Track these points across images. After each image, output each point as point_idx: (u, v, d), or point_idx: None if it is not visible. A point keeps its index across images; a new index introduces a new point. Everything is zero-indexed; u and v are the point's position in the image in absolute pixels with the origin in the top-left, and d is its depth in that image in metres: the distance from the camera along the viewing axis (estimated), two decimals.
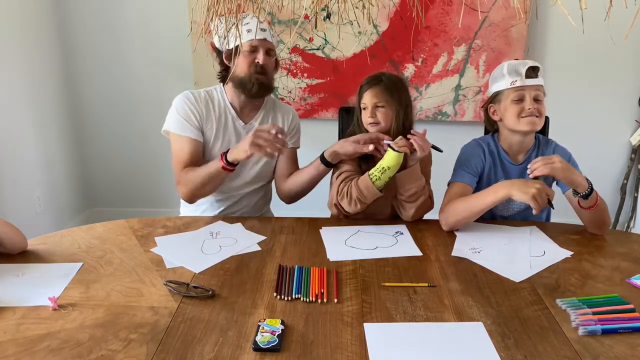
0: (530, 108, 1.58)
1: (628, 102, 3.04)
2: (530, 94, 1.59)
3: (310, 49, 2.95)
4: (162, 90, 3.00)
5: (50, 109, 2.95)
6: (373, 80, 1.68)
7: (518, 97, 1.60)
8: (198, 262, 1.39)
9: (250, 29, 1.67)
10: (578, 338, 1.09)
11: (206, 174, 1.66)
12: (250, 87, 1.71)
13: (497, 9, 2.83)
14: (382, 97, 1.65)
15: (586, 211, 1.56)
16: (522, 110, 1.59)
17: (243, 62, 1.70)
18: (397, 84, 1.68)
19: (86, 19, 3.02)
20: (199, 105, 1.75)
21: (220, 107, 1.79)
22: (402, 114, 1.66)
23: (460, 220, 1.58)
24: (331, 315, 1.16)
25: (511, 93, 1.61)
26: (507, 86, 1.61)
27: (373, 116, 1.66)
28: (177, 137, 1.73)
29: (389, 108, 1.65)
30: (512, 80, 1.60)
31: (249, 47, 1.69)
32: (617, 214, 3.18)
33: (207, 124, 1.76)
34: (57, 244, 1.49)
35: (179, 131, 1.72)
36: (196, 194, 1.71)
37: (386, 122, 1.66)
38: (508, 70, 1.61)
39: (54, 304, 1.17)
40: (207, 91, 1.81)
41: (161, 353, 1.03)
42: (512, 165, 1.69)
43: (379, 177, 1.59)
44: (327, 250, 1.47)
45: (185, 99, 1.75)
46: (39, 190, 2.84)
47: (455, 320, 1.15)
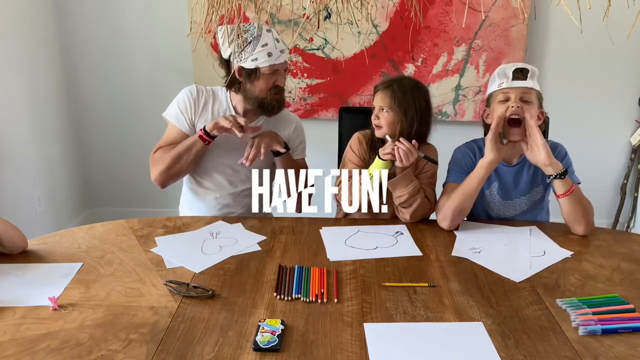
0: (513, 106, 1.55)
1: (628, 102, 3.04)
2: (516, 95, 1.57)
3: (310, 49, 2.95)
4: (162, 90, 2.99)
5: (50, 109, 2.95)
6: (385, 83, 1.70)
7: (503, 98, 1.59)
8: (198, 262, 1.40)
9: (270, 52, 1.64)
10: (578, 338, 1.09)
11: (182, 146, 1.72)
12: (270, 108, 1.74)
13: (497, 9, 2.83)
14: (386, 102, 1.66)
15: (562, 200, 1.55)
16: (507, 110, 1.57)
17: (263, 85, 1.70)
18: (410, 90, 1.67)
19: (86, 19, 3.02)
20: (199, 101, 1.78)
21: (222, 107, 1.80)
22: (411, 121, 1.65)
23: (457, 206, 1.57)
24: (331, 315, 1.16)
25: (498, 95, 1.60)
26: (495, 89, 1.62)
27: (376, 119, 1.68)
28: (170, 125, 1.81)
29: (392, 113, 1.66)
30: (499, 82, 1.60)
31: (270, 70, 1.67)
32: (617, 214, 3.18)
33: (201, 119, 1.77)
34: (57, 244, 1.49)
35: (173, 121, 1.79)
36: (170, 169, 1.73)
37: (388, 127, 1.67)
38: (497, 73, 1.62)
39: (54, 304, 1.17)
40: (213, 89, 1.83)
41: (161, 353, 1.03)
42: (505, 167, 1.68)
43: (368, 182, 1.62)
44: (327, 250, 1.47)
45: (188, 92, 1.80)
46: (39, 190, 2.83)
47: (455, 320, 1.15)
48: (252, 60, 1.65)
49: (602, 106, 3.05)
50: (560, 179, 1.53)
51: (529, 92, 1.57)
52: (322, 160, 2.86)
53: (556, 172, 1.53)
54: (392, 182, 1.61)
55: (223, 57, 1.74)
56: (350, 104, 3.01)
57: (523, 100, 1.57)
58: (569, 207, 1.55)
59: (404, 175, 1.60)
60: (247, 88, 1.72)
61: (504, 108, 1.57)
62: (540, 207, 1.75)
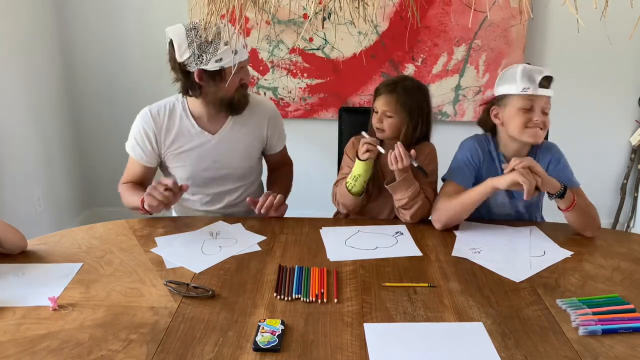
0: (538, 120, 1.52)
1: (628, 102, 3.04)
2: (539, 105, 1.52)
3: (310, 49, 2.95)
4: (162, 89, 2.96)
5: (51, 109, 2.95)
6: (389, 87, 1.68)
7: (527, 106, 1.52)
8: (198, 263, 1.39)
9: (235, 50, 1.57)
10: (578, 338, 1.09)
11: (130, 203, 1.69)
12: (239, 107, 1.69)
13: (497, 9, 2.83)
14: (391, 107, 1.65)
15: (567, 213, 1.55)
16: (529, 121, 1.52)
17: (230, 85, 1.62)
18: (413, 93, 1.67)
19: (86, 18, 3.01)
20: (157, 128, 1.71)
21: (183, 124, 1.72)
22: (415, 124, 1.66)
23: (452, 216, 1.57)
24: (331, 315, 1.16)
25: (520, 100, 1.52)
26: (517, 92, 1.52)
27: (380, 123, 1.68)
28: (130, 158, 1.77)
29: (397, 118, 1.66)
30: (524, 87, 1.51)
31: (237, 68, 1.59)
32: (617, 214, 3.18)
33: (166, 143, 1.72)
34: (57, 244, 1.49)
35: (132, 154, 1.76)
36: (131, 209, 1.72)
37: (391, 131, 1.67)
38: (521, 74, 1.52)
39: (54, 304, 1.17)
40: (169, 104, 1.74)
41: (161, 353, 1.03)
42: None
43: (354, 184, 1.65)
44: (327, 251, 1.47)
45: (143, 123, 1.72)
46: (39, 190, 2.83)
47: (455, 320, 1.15)
48: (216, 62, 1.57)
49: (602, 106, 3.05)
50: (560, 198, 1.51)
51: (549, 102, 1.54)
52: (322, 160, 2.88)
53: (555, 192, 1.50)
54: (392, 186, 1.61)
55: (178, 61, 1.60)
56: (350, 104, 3.01)
57: (544, 112, 1.53)
58: (574, 218, 1.55)
59: (404, 179, 1.60)
60: (211, 91, 1.64)
61: (525, 119, 1.52)
62: (537, 207, 1.75)
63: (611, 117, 3.07)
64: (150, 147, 1.72)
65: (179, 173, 1.76)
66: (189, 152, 1.73)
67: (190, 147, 1.73)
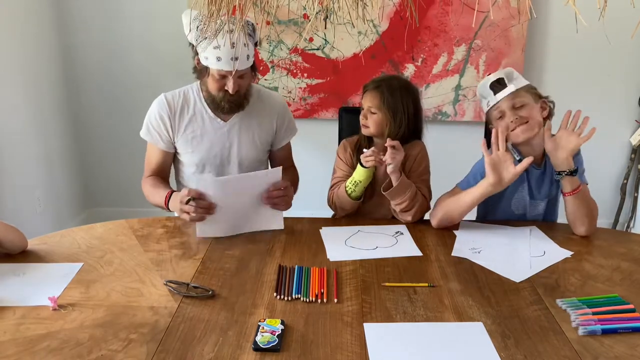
0: (512, 120, 1.55)
1: (628, 102, 3.04)
2: (507, 106, 1.56)
3: (310, 49, 2.95)
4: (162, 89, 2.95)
5: (51, 109, 2.95)
6: (374, 84, 1.70)
7: (499, 114, 1.59)
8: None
9: (219, 57, 1.56)
10: (578, 338, 1.09)
11: (153, 201, 1.75)
12: (222, 106, 1.68)
13: (497, 9, 2.83)
14: (374, 103, 1.66)
15: (568, 198, 1.55)
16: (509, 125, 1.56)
17: (213, 84, 1.64)
18: (398, 91, 1.67)
19: (86, 18, 3.01)
20: (171, 111, 1.73)
21: (197, 109, 1.74)
22: (399, 122, 1.66)
23: (446, 212, 1.58)
24: (331, 315, 1.16)
25: (492, 113, 1.61)
26: (487, 108, 1.63)
27: (364, 119, 1.69)
28: (148, 145, 1.80)
29: (380, 115, 1.66)
30: (486, 102, 1.62)
31: (217, 74, 1.60)
32: (617, 214, 3.18)
33: (180, 128, 1.73)
34: (57, 244, 1.49)
35: (149, 140, 1.77)
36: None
37: (375, 128, 1.68)
38: (480, 93, 1.63)
39: (54, 304, 1.17)
40: (184, 91, 1.76)
41: (161, 353, 1.03)
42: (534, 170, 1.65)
43: (353, 189, 1.66)
44: (327, 250, 1.47)
45: (158, 108, 1.74)
46: (39, 190, 2.83)
47: (455, 320, 1.15)
48: (205, 58, 1.60)
49: (602, 106, 3.04)
50: (570, 176, 1.53)
51: (517, 96, 1.56)
52: (322, 160, 2.87)
53: (568, 169, 1.53)
54: (390, 192, 1.61)
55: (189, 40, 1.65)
56: (350, 104, 3.01)
57: (516, 107, 1.56)
58: (574, 205, 1.55)
59: (400, 183, 1.60)
60: (205, 82, 1.67)
61: (504, 125, 1.56)
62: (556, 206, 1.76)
63: (611, 117, 3.07)
64: (166, 131, 1.74)
65: (188, 159, 1.77)
66: (200, 137, 1.75)
67: (202, 132, 1.74)
